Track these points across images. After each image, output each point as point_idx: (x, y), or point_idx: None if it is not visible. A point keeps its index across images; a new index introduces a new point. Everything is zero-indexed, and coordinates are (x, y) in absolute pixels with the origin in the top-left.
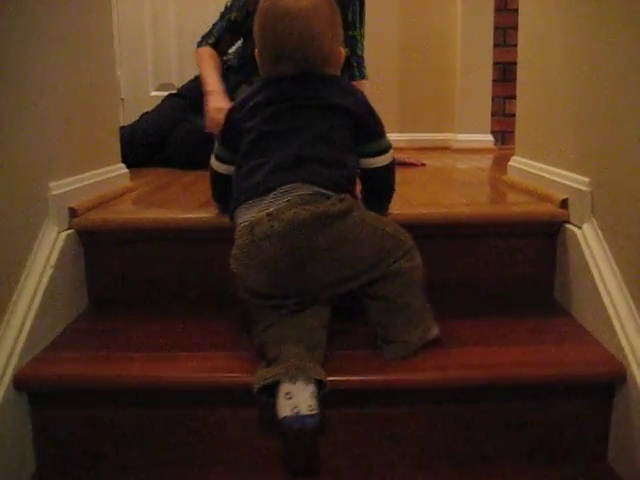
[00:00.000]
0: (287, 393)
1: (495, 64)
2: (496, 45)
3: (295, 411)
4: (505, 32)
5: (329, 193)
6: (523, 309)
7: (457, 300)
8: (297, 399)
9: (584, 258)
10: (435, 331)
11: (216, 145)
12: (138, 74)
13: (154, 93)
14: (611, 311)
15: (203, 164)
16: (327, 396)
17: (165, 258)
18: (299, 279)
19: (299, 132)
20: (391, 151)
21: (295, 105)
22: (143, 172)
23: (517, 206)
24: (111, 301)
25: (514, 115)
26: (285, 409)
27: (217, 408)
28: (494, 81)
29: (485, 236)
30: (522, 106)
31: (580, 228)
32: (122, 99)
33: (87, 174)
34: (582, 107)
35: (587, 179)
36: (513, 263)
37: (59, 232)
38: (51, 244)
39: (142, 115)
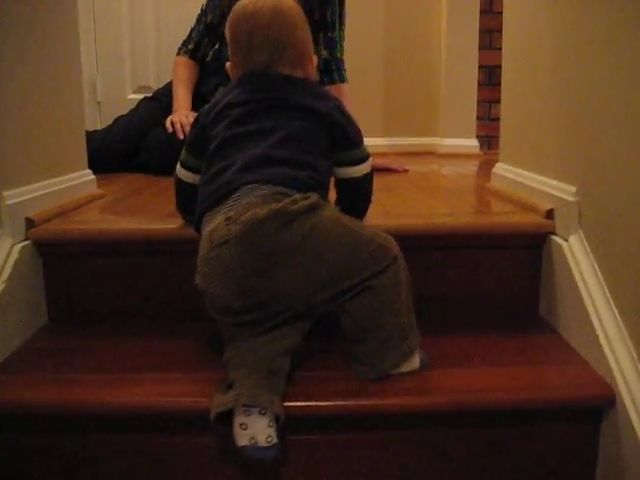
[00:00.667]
0: (241, 424)
1: (480, 67)
2: (481, 48)
3: (252, 442)
4: (491, 35)
5: (293, 193)
6: (507, 326)
7: (437, 315)
8: (253, 430)
9: (571, 272)
10: (416, 363)
11: (183, 152)
12: (115, 77)
13: (132, 96)
14: (599, 330)
15: None
16: (290, 422)
17: (130, 271)
18: (267, 287)
19: (267, 133)
20: (369, 161)
21: (264, 106)
22: (115, 178)
23: (500, 216)
24: (71, 317)
25: (499, 119)
26: (242, 439)
27: (176, 434)
28: (479, 85)
29: (467, 248)
30: (506, 110)
31: (566, 240)
32: (99, 102)
33: (48, 182)
34: (569, 112)
35: (574, 188)
36: (496, 277)
37: (13, 244)
38: (3, 258)
39: (116, 119)
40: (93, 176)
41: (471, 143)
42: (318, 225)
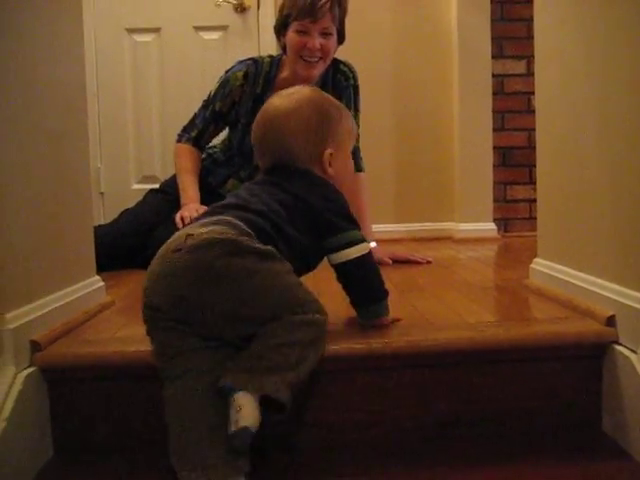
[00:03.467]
0: None
1: (494, 148)
2: (495, 129)
3: None
4: (503, 116)
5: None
6: (567, 448)
7: (484, 439)
8: None
9: None
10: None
11: None
12: (119, 166)
13: (136, 186)
14: None
15: None
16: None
17: (148, 398)
18: (199, 302)
19: (253, 197)
20: (361, 245)
21: (261, 185)
22: (122, 278)
23: (554, 325)
24: (80, 450)
25: (516, 201)
26: None
27: None
28: (494, 166)
29: (518, 362)
30: (544, 194)
31: (635, 352)
32: (102, 193)
33: (53, 296)
34: (627, 197)
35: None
36: (551, 392)
37: (17, 373)
38: (5, 390)
39: (122, 213)
40: (102, 283)
41: (488, 227)
42: (251, 270)
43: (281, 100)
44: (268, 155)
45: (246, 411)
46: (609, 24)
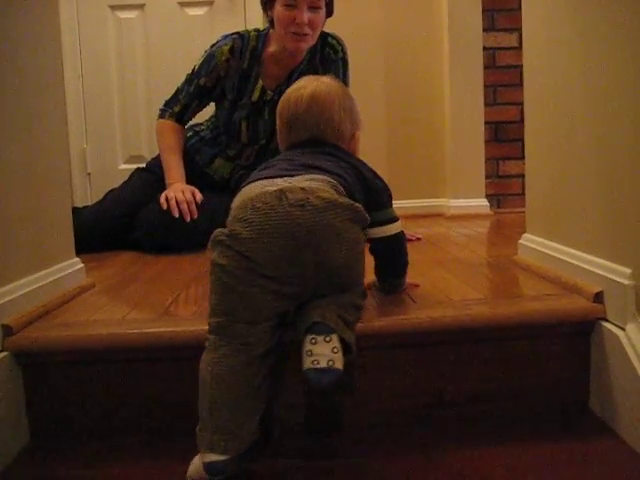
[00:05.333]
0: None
1: (486, 123)
2: (486, 104)
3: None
4: (495, 90)
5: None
6: (554, 428)
7: (473, 418)
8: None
9: (632, 366)
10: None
11: None
12: (106, 146)
13: (123, 166)
14: None
15: (174, 249)
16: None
17: (125, 382)
18: (308, 259)
19: (317, 161)
20: (398, 222)
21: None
22: (107, 260)
23: (542, 302)
24: (57, 436)
25: (509, 176)
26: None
27: None
28: (486, 141)
29: (505, 340)
30: (532, 170)
31: (622, 329)
32: (89, 174)
33: (27, 279)
34: (615, 171)
35: (628, 270)
36: (538, 370)
37: None
38: None
39: (107, 193)
40: (81, 264)
41: (480, 203)
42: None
43: (314, 82)
44: (308, 129)
45: (339, 355)
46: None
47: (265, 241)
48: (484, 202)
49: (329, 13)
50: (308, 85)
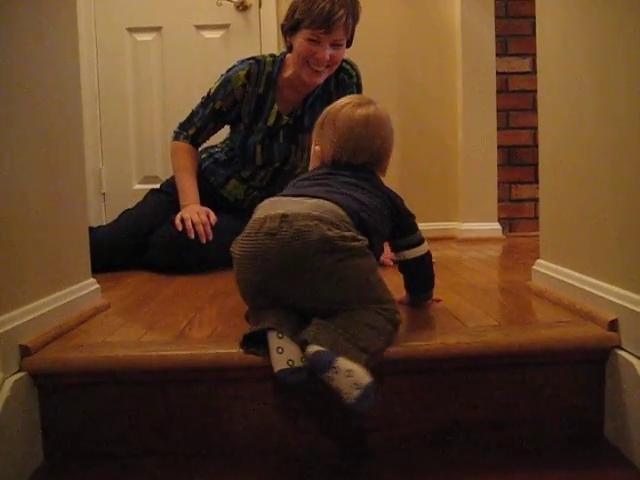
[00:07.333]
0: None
1: (499, 147)
2: (499, 128)
3: (290, 363)
4: (508, 114)
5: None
6: (568, 456)
7: (484, 447)
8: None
9: None
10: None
11: None
12: (121, 167)
13: (138, 186)
14: None
15: (188, 269)
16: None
17: (140, 404)
18: (285, 285)
19: (350, 187)
20: (425, 243)
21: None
22: (121, 279)
23: (556, 329)
24: (71, 456)
25: (521, 200)
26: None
27: None
28: (499, 165)
29: (518, 366)
30: (546, 195)
31: (638, 357)
32: (104, 194)
33: (46, 299)
34: (631, 198)
35: None
36: (552, 397)
37: (4, 378)
38: None
39: (122, 213)
40: (97, 285)
41: (493, 226)
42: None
43: (368, 108)
44: (361, 154)
45: (359, 371)
46: (609, 21)
47: (243, 265)
48: (496, 226)
49: (348, 45)
50: (360, 112)
